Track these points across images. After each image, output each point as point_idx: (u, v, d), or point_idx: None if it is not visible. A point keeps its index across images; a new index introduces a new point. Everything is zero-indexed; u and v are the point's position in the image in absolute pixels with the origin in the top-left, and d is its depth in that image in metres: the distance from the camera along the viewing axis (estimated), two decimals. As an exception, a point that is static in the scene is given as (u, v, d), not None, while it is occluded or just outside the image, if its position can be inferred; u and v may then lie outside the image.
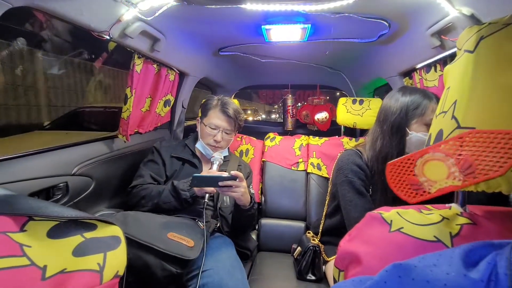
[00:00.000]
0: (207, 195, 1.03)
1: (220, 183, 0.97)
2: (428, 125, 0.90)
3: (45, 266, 0.43)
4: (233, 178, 0.97)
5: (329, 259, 1.11)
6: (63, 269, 0.44)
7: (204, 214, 1.00)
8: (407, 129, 0.93)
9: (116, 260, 0.50)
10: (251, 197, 1.13)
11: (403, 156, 0.47)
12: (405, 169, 0.46)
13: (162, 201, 1.07)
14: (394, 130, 0.95)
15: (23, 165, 0.87)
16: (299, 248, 1.19)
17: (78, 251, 0.46)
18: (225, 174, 0.99)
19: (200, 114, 1.32)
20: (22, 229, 0.44)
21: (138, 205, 1.10)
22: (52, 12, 0.76)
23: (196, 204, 1.13)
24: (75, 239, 0.48)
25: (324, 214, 1.20)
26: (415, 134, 0.91)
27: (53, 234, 0.46)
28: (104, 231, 0.52)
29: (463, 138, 0.40)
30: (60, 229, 0.47)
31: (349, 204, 0.99)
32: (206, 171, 1.09)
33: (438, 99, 0.92)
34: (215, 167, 1.13)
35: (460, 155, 0.40)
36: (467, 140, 0.39)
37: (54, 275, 0.43)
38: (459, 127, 0.43)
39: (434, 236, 0.43)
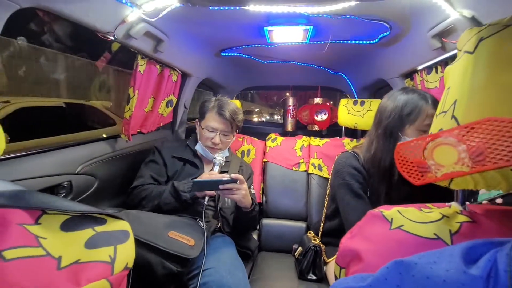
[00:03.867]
0: (206, 197, 1.03)
1: (220, 186, 0.97)
2: (421, 131, 0.90)
3: (60, 257, 0.44)
4: (234, 181, 0.97)
5: (329, 260, 1.11)
6: (77, 260, 0.45)
7: (204, 214, 1.01)
8: (399, 133, 0.93)
9: (126, 253, 0.51)
10: (252, 199, 1.13)
11: (415, 138, 0.47)
12: (415, 151, 0.46)
13: (163, 202, 1.08)
14: (387, 134, 0.95)
15: (29, 163, 0.88)
16: (300, 248, 1.20)
17: (90, 244, 0.48)
18: (225, 177, 0.99)
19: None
20: (37, 222, 0.46)
21: (139, 206, 1.11)
22: (58, 13, 0.78)
23: (197, 205, 1.13)
24: (87, 232, 0.49)
25: (323, 216, 1.21)
26: (408, 140, 0.91)
27: (66, 227, 0.48)
28: (114, 226, 0.53)
29: (479, 125, 0.39)
30: (72, 223, 0.49)
31: (347, 206, 0.99)
32: (207, 173, 1.09)
33: (435, 101, 0.91)
34: (216, 168, 1.14)
35: (473, 141, 0.39)
36: (483, 127, 0.39)
37: (68, 265, 0.44)
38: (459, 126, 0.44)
39: (434, 234, 0.44)
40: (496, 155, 0.37)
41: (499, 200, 0.65)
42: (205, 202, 1.02)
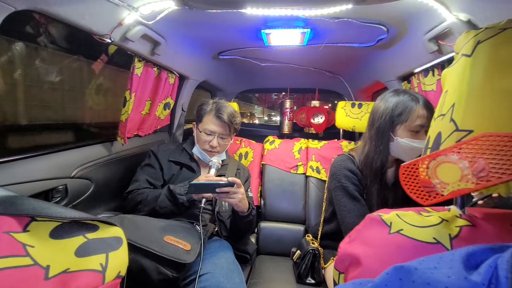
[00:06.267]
0: (203, 199, 1.03)
1: (217, 190, 0.97)
2: (412, 131, 0.91)
3: (48, 266, 0.43)
4: (231, 184, 0.97)
5: (326, 265, 1.11)
6: (66, 269, 0.44)
7: (201, 218, 1.00)
8: (391, 134, 0.94)
9: (118, 261, 0.50)
10: (249, 203, 1.13)
11: (417, 158, 0.47)
12: (419, 171, 0.46)
13: (159, 206, 1.07)
14: (380, 135, 0.96)
15: (23, 167, 0.87)
16: (298, 251, 1.19)
17: (81, 252, 0.47)
18: (222, 181, 0.99)
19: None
20: (25, 230, 0.45)
21: (135, 210, 1.10)
22: (54, 16, 0.77)
23: (194, 208, 1.12)
24: (78, 240, 0.48)
25: (322, 220, 1.20)
26: (399, 140, 0.92)
27: (55, 234, 0.47)
28: (106, 232, 0.52)
29: (476, 141, 0.40)
30: (63, 230, 0.48)
31: (344, 209, 0.99)
32: (203, 176, 1.08)
33: (426, 102, 0.92)
34: (213, 171, 1.13)
35: (474, 157, 0.40)
36: (480, 143, 0.39)
37: (57, 275, 0.43)
38: (457, 129, 0.43)
39: (434, 238, 0.44)
40: (498, 170, 0.38)
41: (480, 202, 0.66)
42: (202, 205, 1.01)
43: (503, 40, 0.43)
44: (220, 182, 0.98)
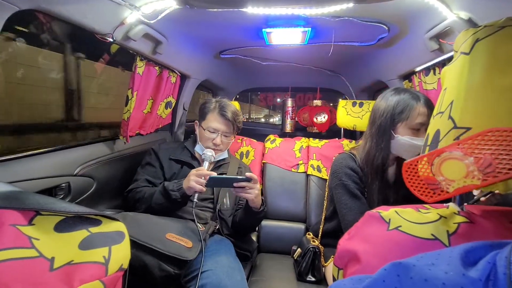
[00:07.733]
0: (196, 194, 1.03)
1: (235, 184, 0.99)
2: (413, 129, 0.92)
3: (52, 258, 0.44)
4: (248, 179, 0.99)
5: (326, 264, 1.11)
6: (70, 261, 0.45)
7: (194, 212, 1.02)
8: (392, 132, 0.94)
9: (121, 254, 0.51)
10: (262, 200, 1.14)
11: (420, 155, 0.46)
12: (422, 168, 0.46)
13: (154, 202, 1.07)
14: (381, 132, 0.96)
15: (27, 165, 0.88)
16: (299, 249, 1.19)
17: (84, 245, 0.48)
18: (240, 176, 1.01)
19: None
20: (30, 223, 0.46)
21: (134, 208, 1.11)
22: (57, 15, 0.78)
23: (190, 205, 1.13)
24: (81, 233, 0.49)
25: (323, 218, 1.21)
26: (400, 137, 0.92)
27: (59, 228, 0.48)
28: (109, 227, 0.53)
29: (482, 136, 0.39)
30: (67, 224, 0.49)
31: (344, 207, 1.00)
32: (194, 170, 1.07)
33: (426, 100, 0.93)
34: (206, 164, 1.14)
35: (479, 153, 0.39)
36: (486, 138, 0.39)
37: (61, 267, 0.44)
38: (455, 127, 0.44)
39: (432, 234, 0.44)
40: (505, 165, 0.37)
41: (482, 199, 0.66)
42: (195, 200, 1.02)
43: (501, 38, 0.43)
44: (238, 177, 1.01)
